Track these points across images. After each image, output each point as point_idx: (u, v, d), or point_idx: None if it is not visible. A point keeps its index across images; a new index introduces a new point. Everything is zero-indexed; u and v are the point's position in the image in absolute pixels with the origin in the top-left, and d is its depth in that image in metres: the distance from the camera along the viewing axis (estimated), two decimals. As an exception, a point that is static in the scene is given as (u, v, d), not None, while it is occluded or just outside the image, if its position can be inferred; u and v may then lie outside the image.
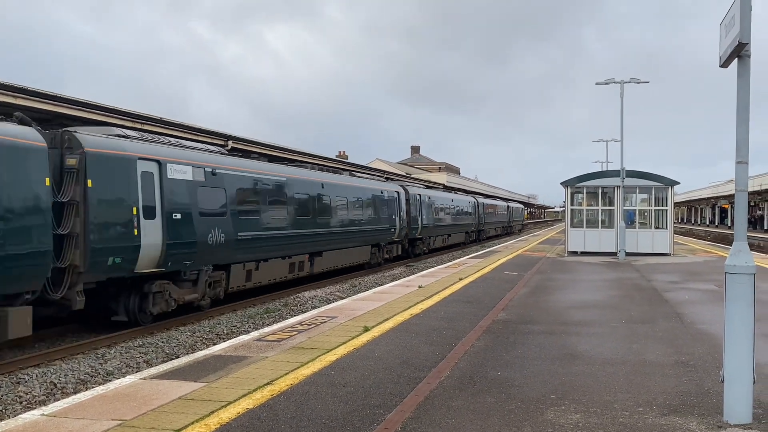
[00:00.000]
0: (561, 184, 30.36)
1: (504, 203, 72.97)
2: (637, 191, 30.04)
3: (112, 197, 13.40)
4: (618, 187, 28.72)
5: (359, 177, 30.59)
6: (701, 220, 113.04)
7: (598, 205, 30.14)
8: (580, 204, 30.41)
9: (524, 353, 9.00)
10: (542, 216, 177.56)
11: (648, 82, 31.23)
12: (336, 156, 51.20)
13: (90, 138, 13.23)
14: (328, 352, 8.97)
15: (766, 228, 71.68)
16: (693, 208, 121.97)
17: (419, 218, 35.90)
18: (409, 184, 38.53)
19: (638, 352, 9.05)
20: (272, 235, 19.47)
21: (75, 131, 13.14)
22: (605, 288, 16.95)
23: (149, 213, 14.19)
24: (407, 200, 34.20)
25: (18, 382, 10.53)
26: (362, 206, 27.66)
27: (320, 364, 8.23)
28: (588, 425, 5.93)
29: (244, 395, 6.86)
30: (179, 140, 17.58)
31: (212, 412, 6.28)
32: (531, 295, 15.39)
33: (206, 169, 16.43)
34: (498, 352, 9.08)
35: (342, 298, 17.78)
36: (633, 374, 7.82)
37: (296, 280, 22.00)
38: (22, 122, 12.07)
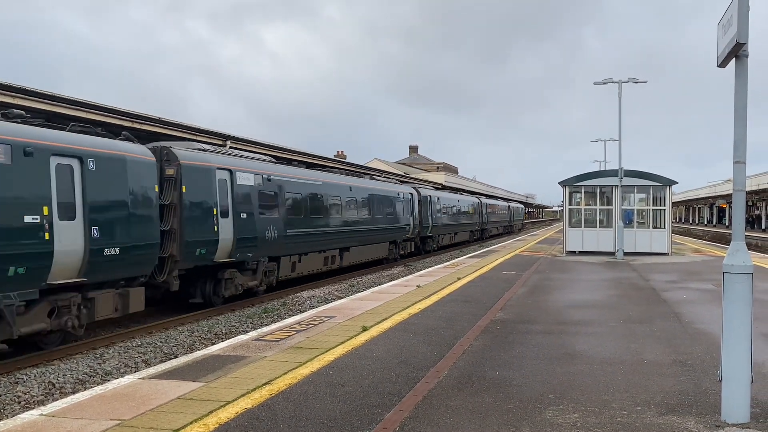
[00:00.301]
0: (559, 183, 30.38)
1: (505, 203, 75.66)
2: (635, 191, 30.04)
3: (199, 200, 16.59)
4: (616, 186, 28.75)
5: (378, 180, 34.63)
6: (699, 220, 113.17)
7: (596, 204, 30.14)
8: (578, 204, 30.42)
9: (522, 353, 9.00)
10: (540, 216, 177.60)
11: (646, 81, 31.25)
12: (334, 156, 51.18)
13: (182, 152, 16.39)
14: (326, 351, 8.97)
15: (763, 227, 71.76)
16: (691, 208, 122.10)
17: (430, 218, 38.45)
18: (420, 185, 41.72)
19: (636, 352, 9.06)
20: (312, 232, 22.60)
21: (171, 147, 16.28)
22: (603, 287, 16.97)
23: (224, 213, 17.38)
24: (419, 201, 36.81)
25: (16, 382, 10.53)
26: (382, 207, 30.59)
27: (319, 364, 8.24)
28: (586, 425, 5.94)
29: (243, 395, 6.86)
30: (241, 151, 20.90)
31: (211, 412, 6.28)
32: (529, 294, 15.40)
33: (264, 176, 19.52)
34: (496, 351, 9.09)
35: (340, 298, 17.80)
36: (631, 374, 7.83)
37: (329, 272, 24.86)
38: (128, 140, 14.59)
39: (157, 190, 14.75)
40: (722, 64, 6.24)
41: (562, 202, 31.37)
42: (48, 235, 11.64)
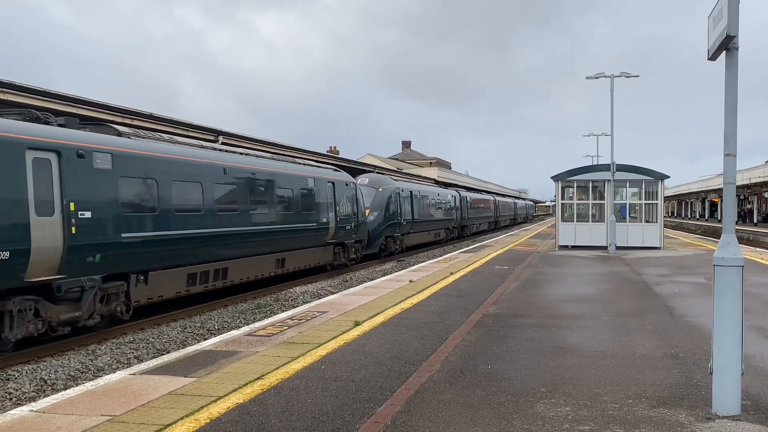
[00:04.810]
0: (552, 178, 30.40)
1: (524, 201, 78.00)
2: (628, 185, 30.11)
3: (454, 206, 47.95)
4: (608, 181, 28.80)
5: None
6: (691, 214, 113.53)
7: (588, 199, 30.21)
8: (571, 198, 30.48)
9: (514, 347, 9.01)
10: (534, 210, 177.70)
11: (638, 76, 31.28)
12: (327, 152, 51.13)
13: (465, 194, 52.86)
14: (318, 346, 8.96)
15: (755, 221, 72.07)
16: (683, 202, 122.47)
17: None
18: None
19: (628, 345, 9.08)
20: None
21: (458, 190, 51.47)
22: (595, 282, 17.01)
23: (460, 209, 51.66)
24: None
25: (8, 379, 10.49)
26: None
27: (311, 359, 8.23)
28: (577, 418, 5.95)
29: (235, 390, 6.85)
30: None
31: (202, 407, 6.27)
32: (521, 289, 15.42)
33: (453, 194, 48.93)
34: (488, 345, 9.10)
35: (333, 293, 17.78)
36: (623, 367, 7.85)
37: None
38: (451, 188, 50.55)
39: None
40: (713, 57, 6.25)
41: (555, 196, 31.40)
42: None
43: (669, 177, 29.59)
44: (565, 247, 29.26)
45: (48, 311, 12.07)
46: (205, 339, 12.86)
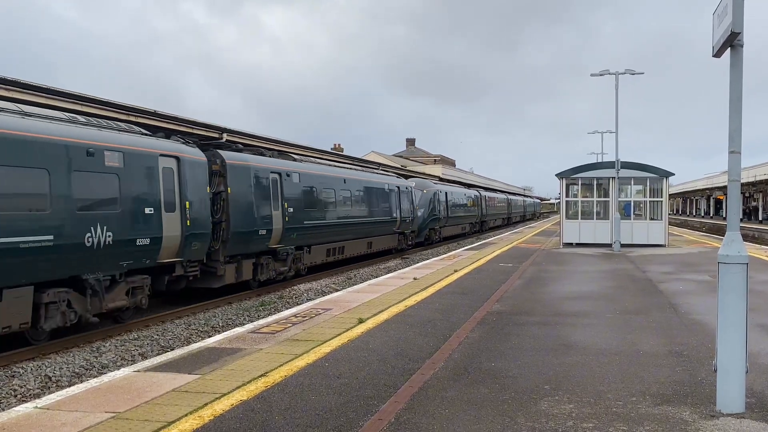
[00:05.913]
0: (556, 175, 30.35)
1: (531, 200, 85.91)
2: (632, 182, 30.04)
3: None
4: (613, 178, 28.75)
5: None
6: (696, 212, 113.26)
7: (593, 196, 30.15)
8: (576, 195, 30.43)
9: (518, 344, 9.01)
10: (540, 207, 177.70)
11: (643, 73, 31.27)
12: (331, 149, 51.14)
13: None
14: (322, 343, 8.97)
15: (760, 219, 71.85)
16: (688, 200, 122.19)
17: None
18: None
19: (632, 343, 9.07)
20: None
21: (479, 193, 58.13)
22: (600, 279, 16.98)
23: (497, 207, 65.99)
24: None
25: (13, 376, 10.53)
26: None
27: (315, 356, 8.24)
28: (581, 415, 5.95)
29: (239, 387, 6.86)
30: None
31: (206, 404, 6.28)
32: (526, 286, 15.41)
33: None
34: (492, 343, 9.09)
35: (337, 291, 17.78)
36: (626, 364, 7.84)
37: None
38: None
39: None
40: (717, 53, 6.23)
41: (559, 194, 31.35)
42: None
43: (674, 174, 29.56)
44: (570, 244, 29.22)
45: (274, 265, 20.23)
46: (209, 336, 12.87)
